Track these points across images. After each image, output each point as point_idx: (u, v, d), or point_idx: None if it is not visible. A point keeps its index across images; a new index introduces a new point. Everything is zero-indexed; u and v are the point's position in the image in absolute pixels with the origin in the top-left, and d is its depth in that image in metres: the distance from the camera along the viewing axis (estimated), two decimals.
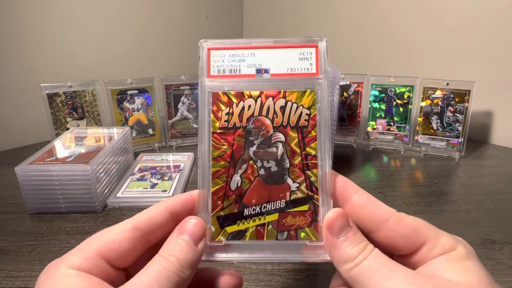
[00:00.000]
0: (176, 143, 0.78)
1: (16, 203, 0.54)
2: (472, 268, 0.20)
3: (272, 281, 0.38)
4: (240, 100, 0.25)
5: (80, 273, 0.20)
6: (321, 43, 0.26)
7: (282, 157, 0.25)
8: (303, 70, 0.25)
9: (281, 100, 0.25)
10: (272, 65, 0.25)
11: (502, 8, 0.75)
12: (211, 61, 0.26)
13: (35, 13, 0.80)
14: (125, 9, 0.98)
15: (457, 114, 0.71)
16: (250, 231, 0.24)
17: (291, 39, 0.25)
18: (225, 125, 0.25)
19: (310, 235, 0.24)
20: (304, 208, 0.24)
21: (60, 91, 0.72)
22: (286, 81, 0.25)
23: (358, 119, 0.79)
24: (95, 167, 0.50)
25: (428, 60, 0.88)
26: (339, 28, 1.06)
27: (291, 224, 0.24)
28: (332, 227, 0.22)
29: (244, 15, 1.32)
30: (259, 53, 0.26)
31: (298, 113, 0.25)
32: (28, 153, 0.54)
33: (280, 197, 0.25)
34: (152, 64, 1.06)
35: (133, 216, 0.23)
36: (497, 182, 0.61)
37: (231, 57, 0.26)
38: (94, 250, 0.21)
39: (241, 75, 0.25)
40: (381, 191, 0.58)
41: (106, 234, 0.22)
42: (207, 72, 0.26)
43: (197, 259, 0.22)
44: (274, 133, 0.25)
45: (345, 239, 0.22)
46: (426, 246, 0.22)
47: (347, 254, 0.21)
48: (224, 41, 0.26)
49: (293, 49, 0.26)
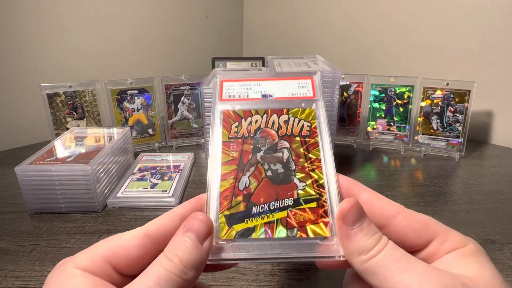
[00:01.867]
0: (176, 143, 0.78)
1: (16, 203, 0.54)
2: (486, 265, 0.20)
3: (272, 281, 0.38)
4: (248, 116, 0.29)
5: (85, 273, 0.20)
6: (315, 76, 0.31)
7: (288, 160, 0.27)
8: (302, 94, 0.30)
9: (284, 115, 0.29)
10: (275, 92, 0.30)
11: (502, 8, 0.75)
12: (223, 89, 0.30)
13: (35, 13, 0.80)
14: (125, 9, 0.98)
15: (457, 114, 0.71)
16: (258, 229, 0.24)
17: (290, 72, 0.30)
18: (235, 136, 0.28)
19: (320, 231, 0.24)
20: (313, 205, 0.25)
21: (60, 91, 0.72)
22: (288, 102, 0.30)
23: (358, 119, 0.79)
24: (95, 167, 0.50)
25: (428, 60, 0.88)
26: (339, 28, 1.06)
27: (300, 221, 0.24)
28: (346, 217, 0.22)
29: (244, 15, 1.32)
30: (264, 83, 0.31)
31: (300, 125, 0.28)
32: (28, 153, 0.54)
33: (288, 195, 0.25)
34: (152, 64, 1.07)
35: (145, 224, 0.23)
36: (497, 182, 0.61)
37: (240, 86, 0.30)
38: (101, 254, 0.21)
39: (249, 98, 0.30)
40: (381, 191, 0.58)
41: (116, 240, 0.22)
42: (220, 97, 0.30)
43: (203, 259, 0.21)
44: (280, 141, 0.28)
45: (359, 230, 0.21)
46: (437, 240, 0.22)
47: (362, 245, 0.21)
48: (233, 73, 0.31)
49: (293, 81, 0.31)
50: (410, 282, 0.19)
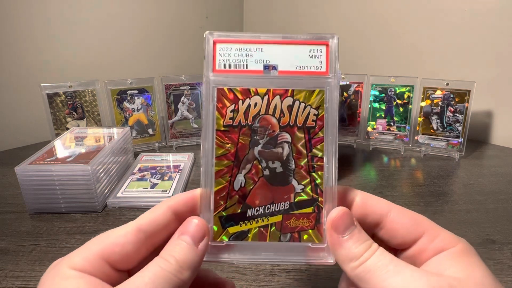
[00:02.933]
0: (176, 143, 0.78)
1: (16, 203, 0.54)
2: (477, 265, 0.21)
3: (272, 281, 0.38)
4: (246, 97, 0.24)
5: (80, 274, 0.20)
6: (332, 40, 0.24)
7: (288, 158, 0.24)
8: (313, 68, 0.24)
9: (288, 98, 0.24)
10: (280, 62, 0.24)
11: (502, 8, 0.75)
12: (216, 55, 0.24)
13: (35, 13, 0.80)
14: (125, 9, 0.98)
15: (457, 114, 0.71)
16: (252, 232, 0.24)
17: (301, 35, 0.24)
18: (230, 123, 0.24)
19: (313, 237, 0.24)
20: (308, 211, 0.24)
21: (60, 91, 0.72)
22: (294, 79, 0.24)
23: (358, 119, 0.79)
24: (95, 167, 0.50)
25: (428, 60, 0.88)
26: (339, 28, 1.06)
27: (295, 226, 0.24)
28: (337, 225, 0.22)
29: (244, 15, 1.32)
30: (267, 49, 0.24)
31: (305, 113, 0.24)
32: (28, 153, 0.54)
33: (284, 198, 0.24)
34: (152, 64, 1.06)
35: (137, 218, 0.23)
36: (497, 182, 0.61)
37: (238, 51, 0.24)
38: (97, 252, 0.21)
39: (248, 70, 0.24)
40: (381, 191, 0.58)
41: (109, 237, 0.22)
42: (213, 66, 0.24)
43: (198, 260, 0.22)
44: (280, 133, 0.24)
45: (350, 237, 0.22)
46: (425, 237, 0.22)
47: (353, 253, 0.21)
48: (231, 34, 0.25)
49: (303, 46, 0.24)
50: (397, 287, 0.19)
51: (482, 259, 0.21)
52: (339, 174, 0.63)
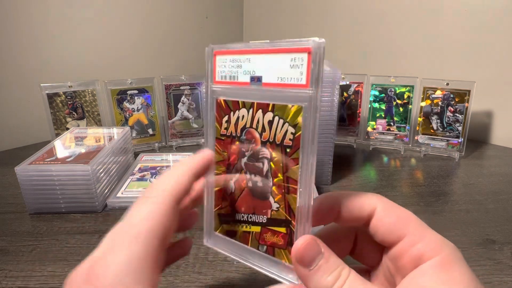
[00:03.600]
0: (176, 143, 0.78)
1: (16, 203, 0.54)
2: (460, 279, 0.19)
3: (272, 281, 0.37)
4: (236, 109, 0.25)
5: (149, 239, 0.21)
6: (315, 48, 0.20)
7: (267, 174, 0.24)
8: (293, 80, 0.22)
9: (269, 113, 0.23)
10: (264, 73, 0.23)
11: (502, 8, 0.75)
12: (216, 66, 0.25)
13: (35, 13, 0.80)
14: (125, 9, 0.98)
15: (457, 114, 0.71)
16: (239, 233, 0.26)
17: (285, 41, 0.22)
18: (225, 133, 0.26)
19: (285, 257, 0.23)
20: (282, 230, 0.23)
21: (60, 91, 0.72)
22: (275, 92, 0.22)
23: (358, 119, 0.79)
24: (95, 167, 0.50)
25: (428, 60, 0.88)
26: (339, 28, 1.06)
27: (270, 241, 0.24)
28: (302, 258, 0.21)
29: (244, 15, 1.32)
30: (254, 59, 0.23)
31: (283, 131, 0.22)
32: (28, 153, 0.54)
33: (263, 212, 0.24)
34: (152, 64, 1.07)
35: (165, 187, 0.23)
36: (497, 182, 0.61)
37: (231, 62, 0.24)
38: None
39: (238, 82, 0.24)
40: (381, 191, 0.58)
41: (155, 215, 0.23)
42: (213, 77, 0.26)
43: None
44: (261, 148, 0.24)
45: (317, 269, 0.21)
46: (407, 239, 0.21)
47: (322, 285, 0.20)
48: (227, 45, 0.25)
49: (285, 55, 0.22)
50: None
51: (482, 259, 0.21)
52: (339, 174, 0.63)
